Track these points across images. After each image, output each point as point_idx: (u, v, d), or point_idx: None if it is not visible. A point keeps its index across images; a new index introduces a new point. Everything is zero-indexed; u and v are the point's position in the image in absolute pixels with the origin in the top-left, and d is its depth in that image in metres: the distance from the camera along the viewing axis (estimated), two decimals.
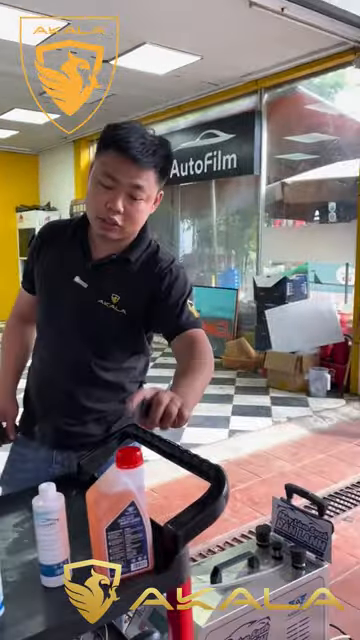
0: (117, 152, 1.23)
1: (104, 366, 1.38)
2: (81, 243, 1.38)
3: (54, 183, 9.94)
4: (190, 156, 7.08)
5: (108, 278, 1.36)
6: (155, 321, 1.38)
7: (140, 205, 1.28)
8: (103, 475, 0.97)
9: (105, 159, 1.26)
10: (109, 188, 1.25)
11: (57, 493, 0.93)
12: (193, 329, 1.35)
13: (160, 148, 1.27)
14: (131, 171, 1.24)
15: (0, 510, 1.16)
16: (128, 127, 1.25)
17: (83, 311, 1.36)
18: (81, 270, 1.37)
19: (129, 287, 1.35)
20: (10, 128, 8.27)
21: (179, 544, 0.95)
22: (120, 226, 1.28)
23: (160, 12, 4.31)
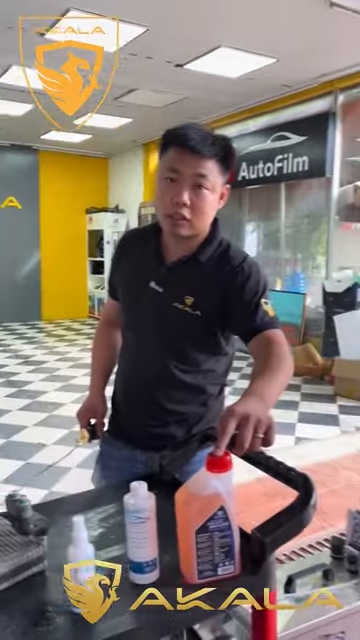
0: (177, 147, 1.27)
1: (183, 369, 1.40)
2: (154, 249, 1.41)
3: (123, 186, 10.14)
4: (260, 159, 7.02)
5: (181, 280, 1.37)
6: (230, 321, 1.37)
7: (205, 194, 1.29)
8: (193, 477, 0.98)
9: (166, 158, 1.30)
10: (173, 181, 1.28)
11: (148, 492, 0.95)
12: (270, 330, 1.31)
13: (219, 140, 1.30)
14: (192, 161, 1.26)
15: (87, 505, 1.19)
16: (185, 126, 1.29)
17: (160, 315, 1.39)
18: (156, 275, 1.40)
19: (202, 288, 1.36)
20: (84, 132, 8.51)
21: (267, 551, 0.94)
22: (188, 220, 1.30)
23: (238, 14, 4.31)
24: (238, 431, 0.98)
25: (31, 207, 9.82)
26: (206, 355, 1.42)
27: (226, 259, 1.37)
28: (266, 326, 1.32)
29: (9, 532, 0.99)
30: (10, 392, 5.39)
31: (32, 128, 8.24)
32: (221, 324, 1.38)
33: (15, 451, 3.83)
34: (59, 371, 6.30)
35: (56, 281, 10.03)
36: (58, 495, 2.81)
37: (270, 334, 1.30)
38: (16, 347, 7.70)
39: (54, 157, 9.89)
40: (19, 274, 9.85)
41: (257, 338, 1.31)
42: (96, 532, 1.11)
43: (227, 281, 1.34)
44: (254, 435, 0.99)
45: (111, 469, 1.48)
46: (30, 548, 0.95)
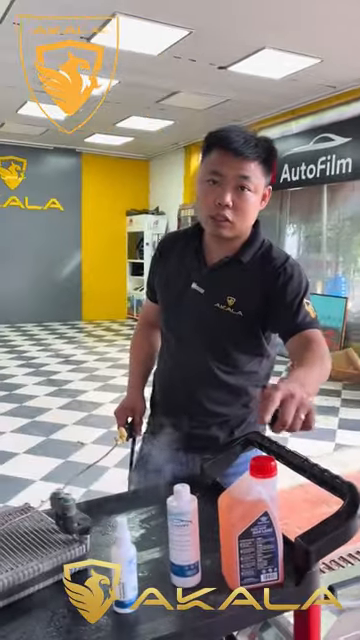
0: (220, 149, 1.28)
1: (225, 370, 1.39)
2: (195, 250, 1.42)
3: (163, 188, 10.19)
4: (302, 160, 6.93)
5: (223, 281, 1.37)
6: (271, 321, 1.36)
7: (247, 196, 1.29)
8: (236, 481, 0.97)
9: (209, 160, 1.30)
10: (216, 183, 1.29)
11: (191, 495, 0.94)
12: (310, 330, 1.31)
13: (262, 141, 1.30)
14: (235, 163, 1.27)
15: (129, 506, 1.20)
16: (227, 128, 1.29)
17: (201, 316, 1.39)
18: (197, 276, 1.40)
19: (244, 289, 1.35)
20: (125, 135, 8.60)
21: (311, 560, 0.92)
22: (231, 221, 1.30)
23: (282, 15, 4.27)
24: (281, 407, 0.96)
25: (73, 209, 9.98)
26: (248, 356, 1.41)
27: (268, 260, 1.37)
28: (307, 326, 1.31)
29: (53, 530, 1.00)
30: (50, 391, 5.48)
31: (76, 132, 8.38)
32: (262, 324, 1.37)
33: (54, 449, 3.89)
34: (98, 371, 6.38)
35: (96, 282, 10.16)
36: (96, 494, 2.84)
37: (310, 334, 1.30)
38: (57, 346, 7.84)
39: (96, 159, 10.02)
40: (61, 275, 10.03)
41: (296, 337, 1.30)
42: (138, 533, 1.12)
43: (269, 282, 1.34)
44: (296, 415, 0.97)
45: (150, 470, 1.48)
46: (73, 546, 0.96)
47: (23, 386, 5.61)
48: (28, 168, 9.50)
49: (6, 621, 0.85)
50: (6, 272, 9.38)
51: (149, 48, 4.94)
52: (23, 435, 4.18)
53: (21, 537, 0.98)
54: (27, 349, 7.58)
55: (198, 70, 5.53)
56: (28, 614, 0.87)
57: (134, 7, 4.10)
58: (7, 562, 0.91)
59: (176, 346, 1.46)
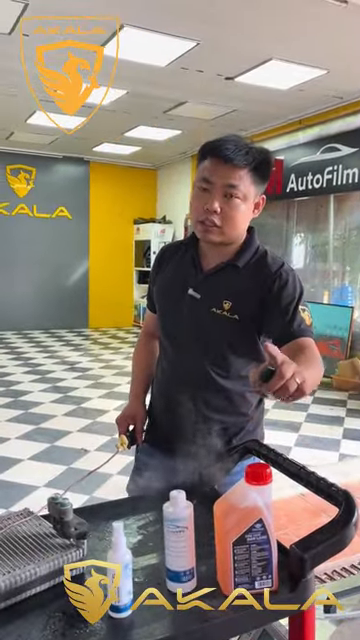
0: (212, 157, 1.31)
1: (222, 374, 1.41)
2: (192, 257, 1.45)
3: (170, 197, 10.25)
4: (309, 170, 6.96)
5: (219, 286, 1.39)
6: (266, 326, 1.38)
7: (235, 203, 1.32)
8: (232, 488, 0.98)
9: (201, 168, 1.34)
10: (206, 190, 1.32)
11: (187, 502, 0.95)
12: (303, 337, 1.31)
13: (254, 150, 1.31)
14: (224, 171, 1.30)
15: (126, 513, 1.21)
16: (223, 138, 1.33)
17: (198, 321, 1.41)
18: (194, 282, 1.43)
19: (239, 293, 1.37)
20: (133, 144, 8.67)
21: (306, 568, 0.93)
22: (219, 226, 1.33)
23: (289, 27, 4.31)
24: (279, 368, 1.00)
25: (81, 217, 10.05)
26: (244, 360, 1.41)
27: (263, 265, 1.39)
28: (301, 333, 1.32)
29: (51, 534, 1.01)
30: (56, 397, 5.50)
31: (85, 141, 8.46)
32: (258, 328, 1.39)
33: (59, 456, 3.90)
34: (103, 378, 6.39)
35: (103, 290, 10.21)
36: (99, 500, 2.84)
37: (303, 341, 1.31)
38: (63, 354, 7.86)
39: (104, 168, 10.11)
40: (68, 282, 10.09)
41: (290, 344, 1.31)
42: (135, 539, 1.13)
43: (265, 287, 1.36)
44: (292, 377, 1.01)
45: (149, 479, 1.49)
46: (70, 551, 0.97)
47: (29, 393, 5.64)
48: (37, 176, 9.59)
49: (2, 624, 0.86)
50: (14, 279, 9.46)
51: (157, 59, 5.00)
52: (28, 441, 4.20)
53: (19, 541, 0.99)
54: (33, 356, 7.61)
55: (205, 81, 5.58)
56: (24, 617, 0.88)
57: (142, 19, 4.15)
58: (4, 565, 0.93)
59: (173, 352, 1.48)
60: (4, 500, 3.15)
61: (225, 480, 1.33)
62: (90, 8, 3.91)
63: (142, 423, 1.56)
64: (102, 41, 4.40)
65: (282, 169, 7.23)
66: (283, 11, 4.02)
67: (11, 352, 7.84)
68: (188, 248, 1.47)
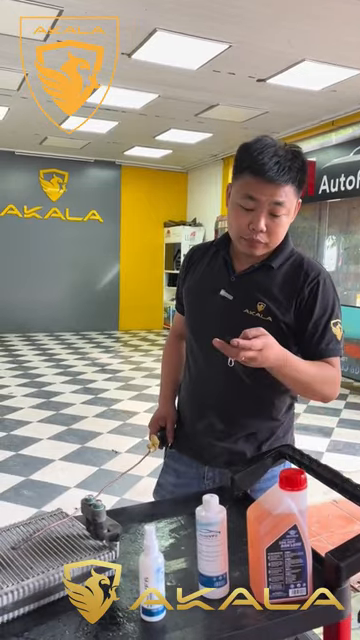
0: (253, 174, 1.27)
1: (252, 377, 1.38)
2: (224, 259, 1.43)
3: (201, 200, 10.25)
4: (342, 172, 6.85)
5: (252, 287, 1.37)
6: (297, 337, 1.36)
7: (282, 220, 1.31)
8: (266, 494, 0.97)
9: (242, 182, 1.30)
10: (250, 210, 1.29)
11: (220, 506, 0.94)
12: (330, 358, 1.33)
13: (295, 161, 1.28)
14: (269, 190, 1.26)
15: (158, 515, 1.20)
16: (260, 146, 1.27)
17: (229, 322, 1.38)
18: (226, 283, 1.41)
19: (274, 295, 1.35)
20: (164, 148, 8.70)
21: (342, 577, 0.91)
22: (264, 243, 1.32)
23: (322, 27, 4.26)
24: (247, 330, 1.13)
25: (112, 220, 10.14)
26: None
27: (301, 270, 1.36)
28: (329, 354, 1.33)
29: (84, 535, 1.02)
30: (87, 399, 5.55)
31: (116, 145, 8.53)
32: (291, 333, 1.36)
33: (89, 457, 3.93)
34: (134, 380, 6.42)
35: (134, 292, 10.27)
36: (129, 502, 2.85)
37: (328, 363, 1.33)
38: (93, 355, 7.93)
39: (135, 172, 10.17)
40: (99, 285, 10.18)
41: (316, 362, 1.33)
42: (167, 542, 1.12)
43: (300, 292, 1.34)
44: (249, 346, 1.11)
45: (177, 485, 1.48)
46: (103, 552, 0.97)
47: (60, 394, 5.70)
48: (69, 180, 9.72)
49: (36, 624, 0.87)
50: (46, 282, 9.60)
51: (188, 63, 5.01)
52: (59, 442, 4.24)
53: (52, 542, 1.00)
54: (65, 357, 7.70)
55: (237, 83, 5.56)
56: (57, 618, 0.89)
57: (174, 23, 4.16)
58: (38, 566, 0.93)
59: (202, 354, 1.46)
60: (36, 500, 3.19)
61: (257, 485, 1.31)
62: (123, 12, 3.94)
63: (172, 423, 1.55)
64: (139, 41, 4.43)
65: (314, 171, 7.14)
66: (315, 11, 3.98)
67: (43, 354, 7.95)
68: (219, 249, 1.45)
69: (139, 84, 5.64)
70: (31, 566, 0.93)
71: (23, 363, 7.23)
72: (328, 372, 1.31)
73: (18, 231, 9.38)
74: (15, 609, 0.87)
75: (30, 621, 0.87)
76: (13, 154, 9.15)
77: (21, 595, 0.88)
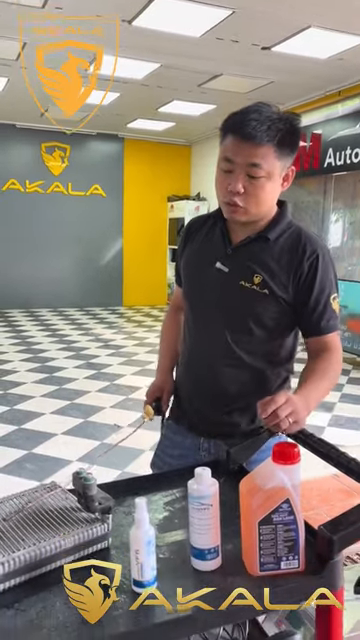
0: (232, 135, 1.25)
1: (247, 349, 1.37)
2: (221, 230, 1.40)
3: (205, 173, 10.10)
4: (348, 144, 6.72)
5: (249, 259, 1.35)
6: (297, 314, 1.35)
7: (260, 183, 1.26)
8: (258, 467, 0.96)
9: (224, 144, 1.28)
10: (229, 171, 1.27)
11: (212, 479, 0.93)
12: (330, 334, 1.35)
13: (277, 122, 1.23)
14: (245, 150, 1.24)
15: (153, 488, 1.20)
16: (245, 110, 1.26)
17: (225, 294, 1.37)
18: (222, 255, 1.38)
19: (271, 268, 1.33)
20: (167, 120, 8.55)
21: (334, 550, 0.91)
22: (243, 207, 1.28)
23: None
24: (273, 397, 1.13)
25: (115, 195, 10.04)
26: (269, 335, 1.37)
27: (299, 244, 1.34)
28: (329, 330, 1.35)
29: (77, 508, 1.01)
30: (90, 374, 5.57)
31: (119, 117, 8.38)
32: (289, 308, 1.35)
33: (92, 431, 3.96)
34: (137, 356, 6.43)
35: (137, 268, 10.22)
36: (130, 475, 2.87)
37: (328, 340, 1.35)
38: (97, 331, 7.94)
39: (138, 145, 10.02)
40: (102, 261, 10.13)
41: (317, 339, 1.36)
42: (161, 515, 1.12)
43: (299, 266, 1.32)
44: (287, 416, 1.11)
45: (174, 456, 1.48)
46: (95, 525, 0.97)
47: (63, 369, 5.72)
48: (71, 154, 9.60)
49: (26, 595, 0.87)
50: (50, 257, 9.56)
51: (191, 30, 4.88)
52: (62, 416, 4.27)
53: (45, 514, 1.00)
54: (68, 333, 7.72)
55: (241, 51, 5.42)
56: (48, 589, 0.89)
57: None
58: (30, 538, 0.93)
59: (198, 326, 1.45)
60: (38, 473, 3.22)
61: (253, 458, 1.31)
62: None
63: (169, 394, 1.55)
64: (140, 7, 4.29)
65: (320, 143, 7.02)
66: None
67: (46, 329, 7.97)
68: (216, 221, 1.43)
69: (140, 53, 5.50)
70: (23, 538, 0.93)
71: (26, 338, 7.25)
72: (332, 364, 1.33)
73: (20, 206, 9.30)
74: (6, 580, 0.87)
75: (21, 592, 0.88)
76: (14, 127, 9.01)
77: (12, 567, 0.88)
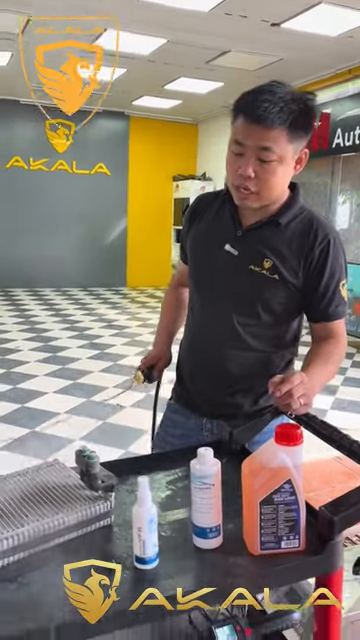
0: (243, 116, 1.22)
1: (252, 332, 1.37)
2: (231, 212, 1.38)
3: (211, 153, 10.00)
4: (357, 124, 6.63)
5: (259, 243, 1.33)
6: (305, 299, 1.34)
7: (271, 167, 1.23)
8: (261, 448, 0.96)
9: (235, 126, 1.25)
10: (239, 154, 1.24)
11: (214, 459, 0.94)
12: (336, 320, 1.36)
13: (291, 103, 1.20)
14: (256, 133, 1.20)
15: (155, 468, 1.21)
16: (258, 89, 1.22)
17: (233, 278, 1.36)
18: (231, 238, 1.36)
19: (282, 253, 1.31)
20: (174, 98, 8.43)
21: (334, 530, 0.91)
22: (254, 192, 1.25)
23: None
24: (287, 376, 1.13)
25: (120, 173, 9.96)
26: (275, 320, 1.37)
27: (311, 229, 1.32)
28: (336, 316, 1.36)
29: (80, 486, 1.02)
30: (93, 354, 5.59)
31: (125, 94, 8.26)
32: (299, 293, 1.34)
33: (95, 410, 3.99)
34: (140, 337, 6.44)
35: (141, 248, 10.18)
36: (133, 455, 2.90)
37: (335, 326, 1.36)
38: (100, 311, 7.95)
39: (144, 123, 9.91)
40: (106, 240, 10.10)
41: (323, 325, 1.36)
42: (163, 494, 1.13)
43: (310, 253, 1.31)
44: (299, 397, 1.12)
45: (175, 436, 1.49)
46: (98, 503, 0.98)
47: (67, 349, 5.74)
48: (76, 132, 9.49)
49: (29, 570, 0.88)
50: (53, 236, 9.52)
51: (199, 4, 4.78)
52: (65, 396, 4.30)
53: (48, 491, 1.01)
54: (72, 313, 7.72)
55: (250, 27, 5.32)
56: (49, 566, 0.90)
57: None
58: (33, 514, 0.94)
59: (204, 307, 1.44)
60: (41, 451, 3.26)
61: (255, 439, 1.31)
62: None
63: (164, 365, 1.59)
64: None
65: (328, 123, 6.91)
66: None
67: (50, 309, 7.98)
68: (225, 201, 1.40)
69: (147, 28, 5.41)
70: (26, 514, 0.94)
71: (30, 318, 7.26)
72: (337, 349, 1.34)
73: (24, 183, 9.24)
74: (10, 555, 0.88)
75: (24, 566, 0.89)
76: (18, 103, 8.89)
77: (16, 542, 0.89)
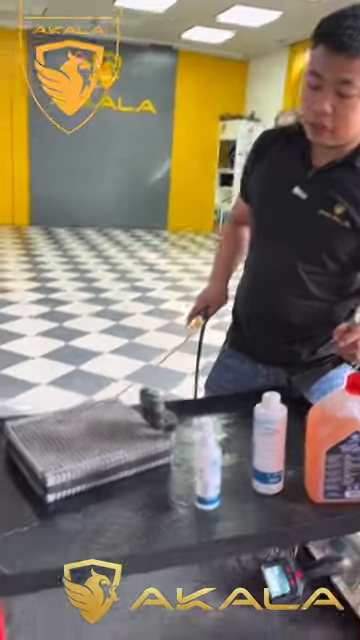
0: (323, 45, 1.09)
1: (317, 280, 1.30)
2: (301, 150, 1.28)
3: (262, 92, 9.54)
4: None
5: (331, 187, 1.24)
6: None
7: (352, 103, 1.11)
8: (329, 396, 0.93)
9: (313, 55, 1.12)
10: (316, 88, 1.12)
11: (281, 405, 0.91)
12: None
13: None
14: (336, 64, 1.08)
15: (212, 409, 1.20)
16: (341, 13, 1.08)
17: (301, 223, 1.28)
18: (301, 180, 1.27)
19: (356, 198, 1.22)
20: (226, 29, 7.97)
21: None
22: (330, 130, 1.15)
23: None
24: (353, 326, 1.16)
25: (166, 112, 9.63)
26: (341, 268, 1.29)
27: None
28: None
29: (140, 423, 1.02)
30: (135, 297, 5.60)
31: (175, 23, 7.83)
32: None
33: (137, 352, 4.03)
34: (181, 282, 6.41)
35: (184, 191, 9.96)
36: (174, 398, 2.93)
37: None
38: (142, 254, 7.91)
39: (193, 58, 9.46)
40: (149, 181, 9.91)
41: None
42: (220, 436, 1.12)
43: None
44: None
45: (229, 380, 1.46)
46: (159, 441, 0.98)
47: (109, 290, 5.77)
48: (122, 66, 9.16)
49: (93, 502, 0.90)
50: (96, 176, 9.40)
51: None
52: (108, 336, 4.34)
53: (110, 427, 1.01)
54: (113, 255, 7.71)
55: None
56: (112, 499, 0.91)
57: None
58: (95, 448, 0.95)
59: (266, 251, 1.37)
60: (86, 388, 3.33)
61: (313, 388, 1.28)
62: None
63: (217, 308, 1.56)
64: None
65: None
66: None
67: (92, 249, 7.99)
68: (295, 139, 1.30)
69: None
70: (88, 448, 0.95)
71: (73, 258, 7.30)
72: None
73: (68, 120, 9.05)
74: (73, 487, 0.90)
75: (90, 498, 0.90)
76: None
77: (78, 475, 0.90)
